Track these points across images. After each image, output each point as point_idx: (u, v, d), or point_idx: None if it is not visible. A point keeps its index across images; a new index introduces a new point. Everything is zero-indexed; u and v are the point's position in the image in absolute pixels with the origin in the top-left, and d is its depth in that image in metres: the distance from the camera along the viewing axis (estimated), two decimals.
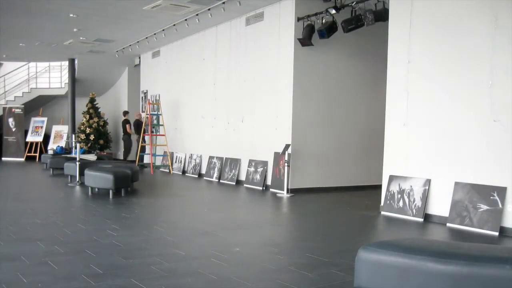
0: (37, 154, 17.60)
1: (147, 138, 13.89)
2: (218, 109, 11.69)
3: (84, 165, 9.77)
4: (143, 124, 13.75)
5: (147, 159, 14.30)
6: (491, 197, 5.85)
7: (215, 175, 11.45)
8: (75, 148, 10.89)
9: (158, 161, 14.16)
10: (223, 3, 9.59)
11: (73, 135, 15.36)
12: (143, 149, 13.98)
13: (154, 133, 13.64)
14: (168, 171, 13.56)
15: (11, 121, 17.90)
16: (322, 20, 8.89)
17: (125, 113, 15.89)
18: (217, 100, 11.76)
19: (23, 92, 18.67)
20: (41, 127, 17.97)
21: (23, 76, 19.32)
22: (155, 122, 13.72)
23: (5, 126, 17.87)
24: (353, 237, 5.66)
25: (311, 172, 9.54)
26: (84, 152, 14.47)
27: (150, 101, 13.69)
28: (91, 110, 16.98)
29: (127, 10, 10.31)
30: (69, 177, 10.54)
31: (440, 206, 6.49)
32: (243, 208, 8.16)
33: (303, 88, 9.36)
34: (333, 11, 8.46)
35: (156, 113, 13.71)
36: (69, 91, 17.24)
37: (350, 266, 4.00)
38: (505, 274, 2.54)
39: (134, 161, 13.90)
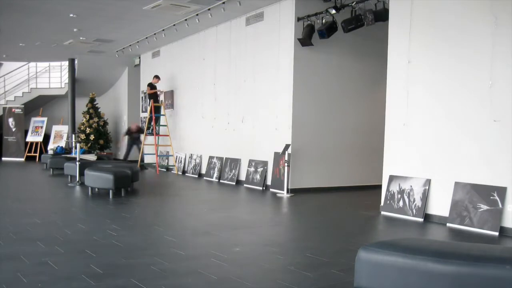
0: (37, 154, 17.59)
1: (150, 138, 13.87)
2: (218, 109, 11.69)
3: (84, 165, 9.77)
4: (146, 124, 13.71)
5: (145, 159, 14.28)
6: (491, 197, 5.86)
7: (215, 175, 11.45)
8: (75, 148, 10.88)
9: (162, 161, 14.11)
10: (223, 3, 9.59)
11: (73, 135, 15.33)
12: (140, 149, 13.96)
13: (158, 134, 13.57)
14: (165, 170, 13.58)
15: (11, 121, 17.90)
16: (322, 20, 8.89)
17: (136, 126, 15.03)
18: (217, 100, 11.76)
19: (23, 92, 18.67)
20: (41, 127, 17.96)
21: (23, 76, 19.32)
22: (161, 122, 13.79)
23: (5, 126, 17.86)
24: (353, 237, 5.66)
25: (311, 172, 9.54)
26: (84, 152, 14.47)
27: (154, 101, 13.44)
28: (91, 110, 16.98)
29: (127, 10, 10.31)
30: (69, 177, 10.54)
31: (440, 206, 6.50)
32: (243, 208, 8.16)
33: (303, 88, 9.36)
34: (333, 11, 8.46)
35: (159, 114, 13.67)
36: (69, 91, 17.23)
37: (350, 266, 4.00)
38: (505, 274, 2.55)
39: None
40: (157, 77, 13.72)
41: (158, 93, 13.66)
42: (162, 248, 4.88)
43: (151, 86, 13.55)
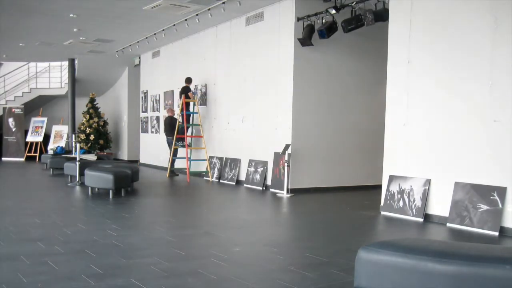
0: (37, 154, 17.59)
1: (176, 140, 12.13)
2: (218, 109, 11.69)
3: (84, 165, 9.77)
4: (177, 123, 12.06)
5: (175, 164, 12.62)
6: (491, 197, 5.85)
7: (215, 175, 11.45)
8: (75, 148, 10.88)
9: (194, 167, 12.37)
10: (223, 3, 9.59)
11: (73, 135, 15.34)
12: (175, 153, 12.35)
13: (191, 135, 12.27)
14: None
15: (11, 121, 17.90)
16: (322, 20, 8.89)
17: (170, 110, 12.78)
18: (217, 100, 11.76)
19: (23, 92, 18.67)
20: (41, 127, 17.96)
21: (23, 76, 19.32)
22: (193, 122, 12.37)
23: (5, 126, 17.87)
24: (353, 237, 5.66)
25: (311, 172, 9.54)
26: (84, 152, 14.46)
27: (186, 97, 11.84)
28: (91, 110, 16.98)
29: (127, 10, 10.31)
30: (69, 177, 10.54)
31: (440, 206, 6.49)
32: (243, 208, 8.16)
33: (303, 88, 9.36)
34: (333, 11, 8.46)
35: (191, 111, 12.24)
36: (69, 91, 17.23)
37: (350, 266, 4.00)
38: (505, 274, 2.54)
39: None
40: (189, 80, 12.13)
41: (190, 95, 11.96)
42: (162, 248, 4.88)
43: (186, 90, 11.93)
